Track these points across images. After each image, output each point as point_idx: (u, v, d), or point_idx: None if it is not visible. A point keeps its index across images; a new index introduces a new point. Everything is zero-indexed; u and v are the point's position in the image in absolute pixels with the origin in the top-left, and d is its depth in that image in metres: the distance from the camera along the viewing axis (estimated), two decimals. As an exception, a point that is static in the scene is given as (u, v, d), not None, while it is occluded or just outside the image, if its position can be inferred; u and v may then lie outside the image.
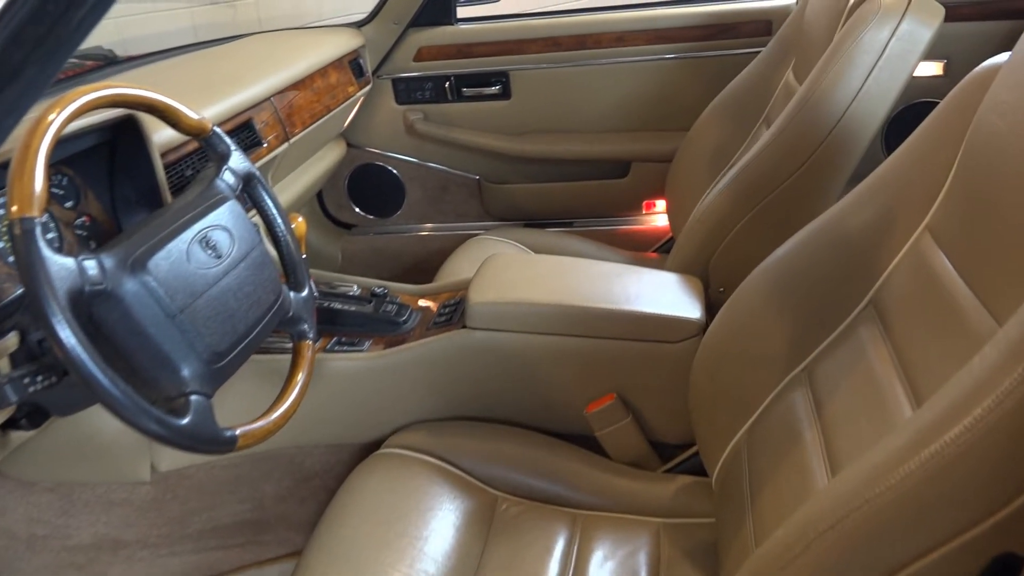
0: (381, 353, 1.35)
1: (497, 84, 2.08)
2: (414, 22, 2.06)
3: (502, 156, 2.14)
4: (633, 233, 2.14)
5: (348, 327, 1.43)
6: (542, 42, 2.02)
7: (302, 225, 1.41)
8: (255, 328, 1.01)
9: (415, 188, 2.27)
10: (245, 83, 1.52)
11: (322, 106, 1.78)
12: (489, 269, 1.41)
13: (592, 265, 1.42)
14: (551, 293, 1.31)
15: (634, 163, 2.08)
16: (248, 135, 1.49)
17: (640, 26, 1.98)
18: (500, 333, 1.31)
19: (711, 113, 1.82)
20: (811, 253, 1.04)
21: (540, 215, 2.22)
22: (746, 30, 1.93)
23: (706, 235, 1.43)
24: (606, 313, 1.27)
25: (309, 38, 1.93)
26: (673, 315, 1.27)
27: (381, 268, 2.33)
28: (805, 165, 1.32)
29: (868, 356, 0.91)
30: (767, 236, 1.39)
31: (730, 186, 1.39)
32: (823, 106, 1.29)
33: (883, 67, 1.26)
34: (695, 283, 1.39)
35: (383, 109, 2.17)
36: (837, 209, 1.03)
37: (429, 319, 1.44)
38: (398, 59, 2.10)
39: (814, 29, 1.51)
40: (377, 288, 1.51)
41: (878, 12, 1.26)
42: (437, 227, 2.30)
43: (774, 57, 1.71)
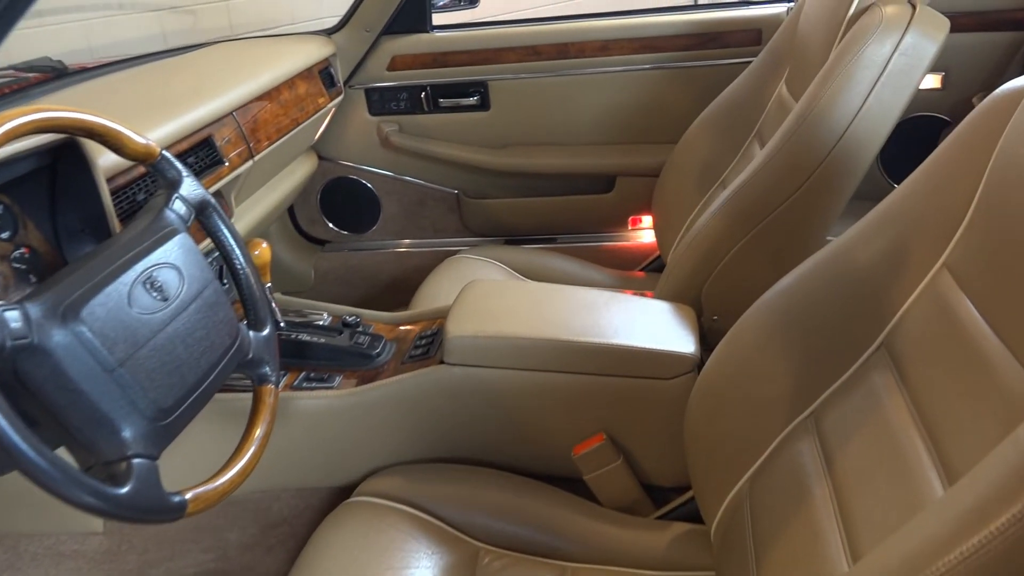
0: (352, 391, 1.25)
1: (475, 94, 1.99)
2: (387, 29, 1.96)
3: (481, 170, 2.05)
4: (618, 250, 2.06)
5: (317, 361, 1.33)
6: (522, 51, 1.93)
7: (266, 251, 1.31)
8: (207, 377, 0.91)
9: (391, 203, 2.17)
10: (205, 97, 1.41)
11: (290, 119, 1.68)
12: (468, 298, 1.32)
13: (578, 293, 1.33)
14: (535, 325, 1.22)
15: (619, 177, 2.00)
16: (208, 153, 1.39)
17: (625, 34, 1.89)
18: (480, 369, 1.22)
19: (699, 126, 1.74)
20: (816, 288, 0.96)
21: (522, 231, 2.13)
22: (735, 39, 1.85)
23: (698, 261, 1.34)
24: (594, 348, 1.19)
25: (276, 47, 1.83)
26: (666, 350, 1.18)
27: (356, 286, 2.23)
28: (803, 187, 1.24)
29: (882, 405, 0.83)
30: (763, 261, 1.31)
31: (723, 209, 1.31)
32: (821, 125, 1.21)
33: (885, 83, 1.18)
34: (688, 313, 1.30)
35: (356, 120, 2.07)
36: (844, 241, 0.95)
37: (404, 351, 1.34)
38: (371, 68, 2.00)
39: (809, 40, 1.43)
40: (349, 316, 1.41)
41: (880, 24, 1.19)
42: (414, 243, 2.21)
43: (765, 68, 1.63)
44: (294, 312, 1.47)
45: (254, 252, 1.30)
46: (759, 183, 1.27)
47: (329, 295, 2.24)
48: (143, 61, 1.68)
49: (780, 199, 1.26)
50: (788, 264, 1.32)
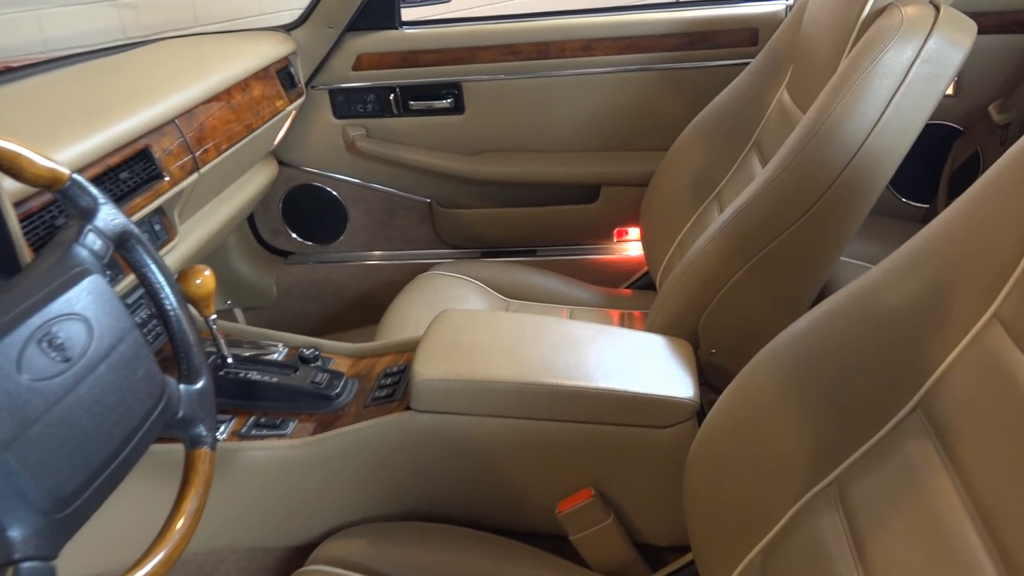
0: (307, 440, 1.10)
1: (448, 97, 1.84)
2: (352, 26, 1.80)
3: (455, 178, 1.90)
4: (603, 264, 1.92)
5: (269, 403, 1.18)
6: (499, 50, 1.78)
7: (209, 280, 1.16)
8: (122, 450, 0.76)
9: (358, 212, 2.01)
10: (142, 101, 1.26)
11: (243, 125, 1.52)
12: (438, 331, 1.17)
13: (562, 327, 1.19)
14: (513, 366, 1.08)
15: (604, 187, 1.86)
16: (145, 167, 1.23)
17: (610, 33, 1.75)
18: (452, 416, 1.08)
19: (692, 133, 1.60)
20: (837, 334, 0.83)
21: (499, 243, 1.98)
22: (729, 39, 1.71)
23: (695, 290, 1.20)
24: (581, 393, 1.05)
25: (228, 44, 1.67)
26: (661, 395, 1.05)
27: (321, 302, 2.08)
28: (813, 209, 1.10)
29: (921, 480, 0.70)
30: (768, 290, 1.18)
31: (723, 233, 1.17)
32: (833, 140, 1.07)
33: (906, 94, 1.05)
34: (684, 349, 1.17)
35: (319, 124, 1.91)
36: (869, 280, 0.82)
37: (367, 391, 1.20)
38: (335, 67, 1.84)
39: (815, 42, 1.29)
40: (306, 349, 1.27)
41: (900, 28, 1.05)
42: (384, 255, 2.05)
43: (764, 72, 1.49)
44: (248, 343, 1.32)
45: (195, 281, 1.14)
46: (763, 204, 1.13)
47: (292, 312, 2.09)
48: (76, 60, 1.51)
49: (787, 222, 1.12)
50: (796, 292, 1.19)
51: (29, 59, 1.51)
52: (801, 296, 1.18)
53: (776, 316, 1.19)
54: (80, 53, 1.55)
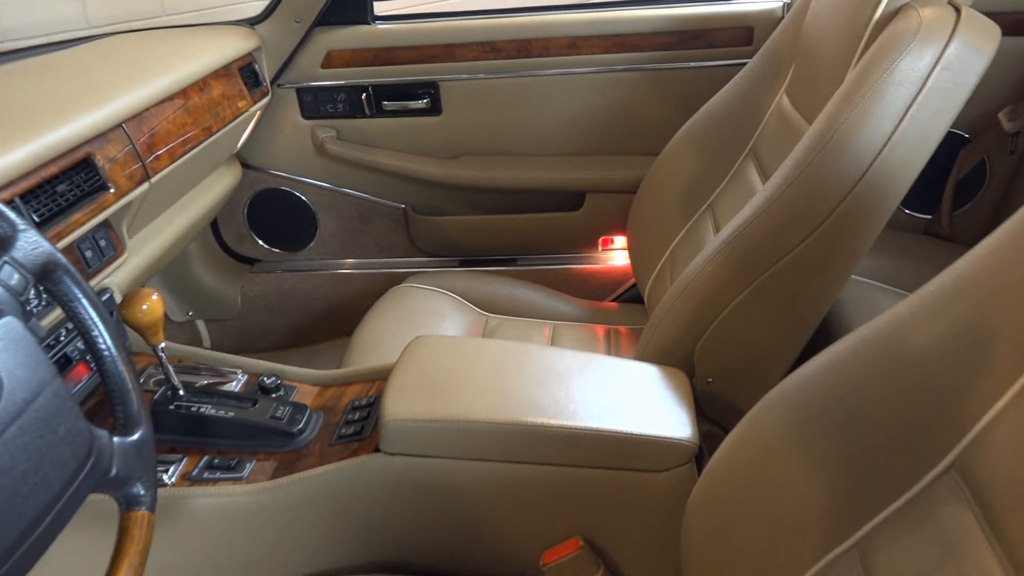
0: (265, 486, 1.00)
1: (424, 97, 1.73)
2: (321, 20, 1.69)
3: (432, 183, 1.79)
4: (588, 275, 1.82)
5: (224, 440, 1.08)
6: (478, 47, 1.67)
7: (157, 305, 1.05)
8: (38, 525, 0.65)
9: (329, 218, 1.90)
10: (84, 104, 1.14)
11: (200, 129, 1.40)
12: (411, 361, 1.07)
13: (546, 356, 1.09)
14: (493, 403, 0.98)
15: (589, 194, 1.75)
16: (88, 177, 1.12)
17: (596, 30, 1.64)
18: (426, 460, 0.98)
19: (684, 138, 1.50)
20: (856, 379, 0.73)
21: (478, 252, 1.87)
22: (723, 38, 1.61)
23: (691, 315, 1.11)
24: (568, 434, 0.95)
25: (185, 40, 1.54)
26: (657, 436, 0.95)
27: (289, 314, 1.96)
28: (820, 229, 1.01)
29: (958, 553, 0.61)
30: (769, 315, 1.08)
31: (722, 253, 1.07)
32: (844, 154, 0.98)
33: (924, 104, 0.96)
34: (680, 380, 1.07)
35: (287, 124, 1.79)
36: (894, 317, 0.72)
37: (334, 425, 1.09)
38: (303, 65, 1.73)
39: (819, 45, 1.20)
40: (267, 378, 1.16)
41: (917, 32, 0.96)
42: (357, 264, 1.94)
43: (762, 74, 1.39)
44: (204, 370, 1.21)
45: (140, 307, 1.03)
46: (765, 223, 1.03)
47: (259, 324, 1.97)
48: (15, 57, 1.39)
49: (792, 243, 1.02)
50: (800, 318, 1.10)
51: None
52: (806, 321, 1.09)
53: (779, 343, 1.10)
54: (22, 48, 1.42)
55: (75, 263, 1.13)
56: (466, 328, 1.52)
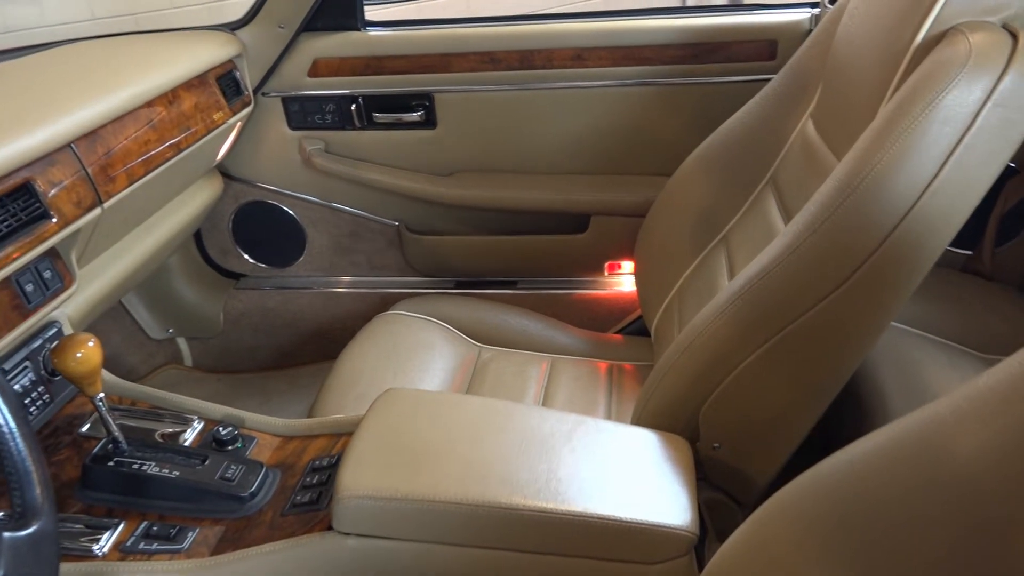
0: (204, 563, 0.88)
1: (418, 109, 1.60)
2: (308, 25, 1.56)
3: (426, 200, 1.67)
4: (592, 301, 1.69)
5: (167, 502, 0.96)
6: (476, 57, 1.54)
7: (93, 353, 0.94)
8: None
9: (318, 233, 1.78)
10: (25, 125, 1.02)
11: (168, 146, 1.29)
12: (376, 423, 0.95)
13: (530, 418, 0.96)
14: (465, 478, 0.86)
15: (595, 216, 1.62)
16: (26, 205, 1.00)
17: (604, 41, 1.50)
18: (386, 542, 0.86)
19: (697, 160, 1.37)
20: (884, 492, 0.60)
21: (476, 273, 1.75)
22: (743, 52, 1.47)
23: (697, 374, 0.98)
24: (549, 519, 0.83)
25: (155, 47, 1.43)
26: (652, 524, 0.83)
27: (274, 334, 1.85)
28: (847, 283, 0.87)
29: None
30: (786, 378, 0.95)
31: (734, 305, 0.94)
32: (877, 200, 0.84)
33: (972, 145, 0.82)
34: (681, 452, 0.94)
35: (272, 135, 1.68)
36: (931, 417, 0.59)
37: (290, 489, 0.98)
38: (288, 73, 1.60)
39: (851, 67, 1.06)
40: (223, 428, 1.04)
41: (967, 61, 0.82)
42: (347, 283, 1.82)
43: (785, 94, 1.26)
44: (155, 417, 1.10)
45: (74, 355, 0.92)
46: (785, 274, 0.90)
47: (242, 344, 1.86)
48: None
49: (813, 298, 0.89)
50: (821, 381, 0.96)
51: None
52: (827, 386, 0.95)
53: (796, 409, 0.97)
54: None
55: (12, 299, 1.02)
56: (456, 361, 1.40)
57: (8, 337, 1.01)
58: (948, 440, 0.57)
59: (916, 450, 0.59)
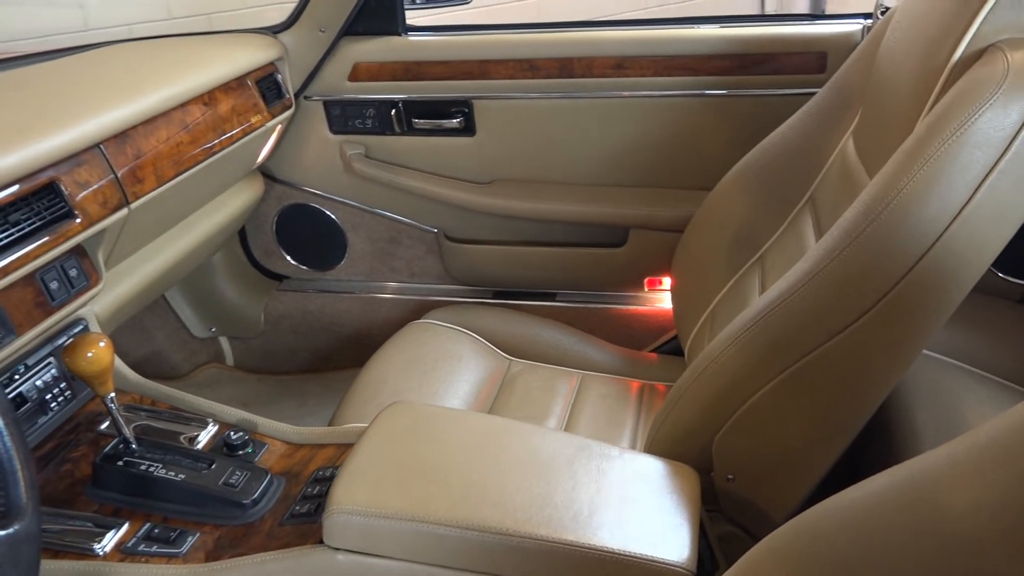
0: (198, 569, 0.88)
1: (457, 115, 1.59)
2: (348, 30, 1.57)
3: (464, 208, 1.65)
4: (630, 317, 1.65)
5: (171, 505, 0.97)
6: (515, 64, 1.52)
7: (104, 353, 0.95)
8: None
9: (359, 238, 1.79)
10: (53, 125, 1.04)
11: (201, 148, 1.30)
12: (377, 436, 0.94)
13: (534, 440, 0.94)
14: (457, 500, 0.84)
15: (634, 229, 1.58)
16: (51, 204, 1.03)
17: (646, 51, 1.46)
18: (374, 560, 0.84)
19: (736, 176, 1.32)
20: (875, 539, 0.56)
21: (514, 284, 1.73)
22: (792, 64, 1.41)
23: (710, 402, 0.93)
24: (538, 548, 0.80)
25: (194, 49, 1.45)
26: (647, 557, 0.79)
27: (312, 337, 1.86)
28: (869, 313, 0.82)
29: None
30: (803, 410, 0.90)
31: (750, 332, 0.89)
32: (902, 227, 0.79)
33: (1007, 172, 0.76)
34: (688, 482, 0.90)
35: (315, 139, 1.69)
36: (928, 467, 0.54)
37: (292, 498, 0.97)
38: (329, 77, 1.61)
39: (890, 83, 1.00)
40: (234, 433, 1.04)
41: (1004, 80, 0.76)
42: (386, 288, 1.82)
43: (828, 111, 1.20)
44: (172, 417, 1.11)
45: (85, 355, 0.93)
46: (803, 301, 0.85)
47: (282, 345, 1.88)
48: (9, 65, 1.31)
49: (834, 327, 0.84)
50: (843, 415, 0.91)
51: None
52: (849, 419, 0.90)
53: (815, 442, 0.92)
54: (17, 56, 1.35)
55: (36, 296, 1.04)
56: (484, 374, 1.38)
57: (31, 333, 1.03)
58: (944, 491, 0.52)
59: (911, 499, 0.54)
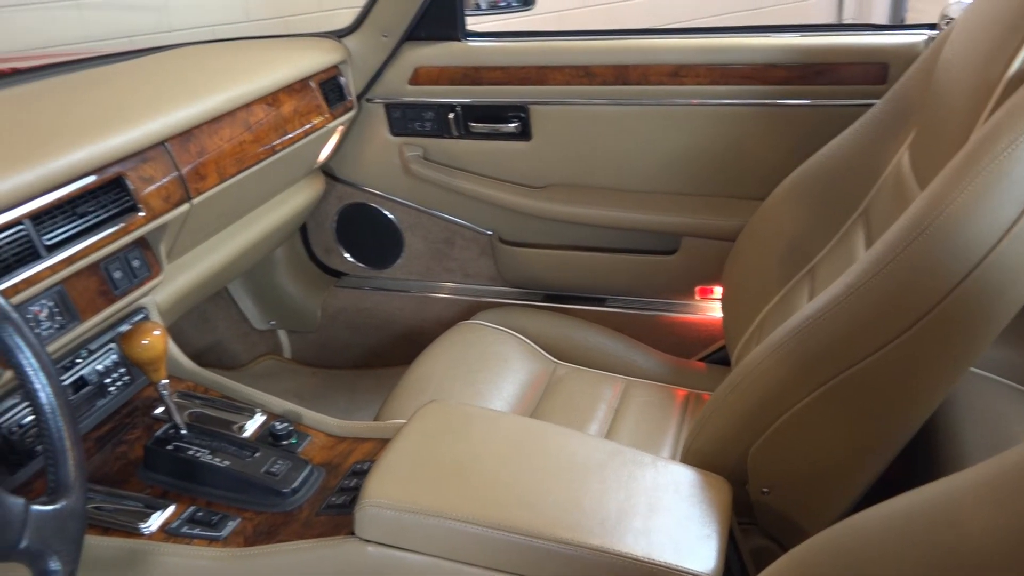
0: (236, 552, 0.91)
1: (514, 120, 1.60)
2: (412, 34, 1.60)
3: (518, 211, 1.67)
4: (679, 325, 1.64)
5: (215, 490, 1.00)
6: (572, 71, 1.53)
7: (158, 341, 0.99)
8: None
9: (415, 238, 1.82)
10: (120, 122, 1.10)
11: (263, 148, 1.35)
12: (412, 434, 0.96)
13: (569, 443, 0.95)
14: (486, 499, 0.85)
15: (686, 238, 1.57)
16: (116, 198, 1.08)
17: (702, 59, 1.46)
18: (403, 553, 0.86)
19: (792, 187, 1.31)
20: (903, 555, 0.54)
21: (565, 288, 1.73)
22: (852, 75, 1.39)
23: (746, 413, 0.93)
24: (559, 551, 0.80)
25: (263, 52, 1.50)
26: (670, 566, 0.79)
27: (366, 333, 1.90)
28: (912, 330, 0.80)
29: None
30: (842, 425, 0.89)
31: (787, 345, 0.89)
32: (948, 243, 0.77)
33: None
34: (720, 493, 0.90)
35: (375, 140, 1.72)
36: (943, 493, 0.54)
37: (330, 490, 1.00)
38: (391, 80, 1.65)
39: (946, 98, 0.98)
40: (279, 423, 1.08)
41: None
42: (440, 288, 1.85)
43: (884, 123, 1.18)
44: (222, 406, 1.15)
45: (140, 342, 0.97)
46: (843, 315, 0.84)
47: (338, 340, 1.92)
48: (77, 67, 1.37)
49: (874, 343, 0.83)
50: (882, 432, 0.89)
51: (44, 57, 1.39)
52: (890, 437, 0.88)
53: (853, 459, 0.90)
54: (87, 59, 1.41)
55: (99, 285, 1.09)
56: (529, 376, 1.39)
57: (94, 319, 1.08)
58: (963, 517, 0.52)
59: (934, 521, 0.54)
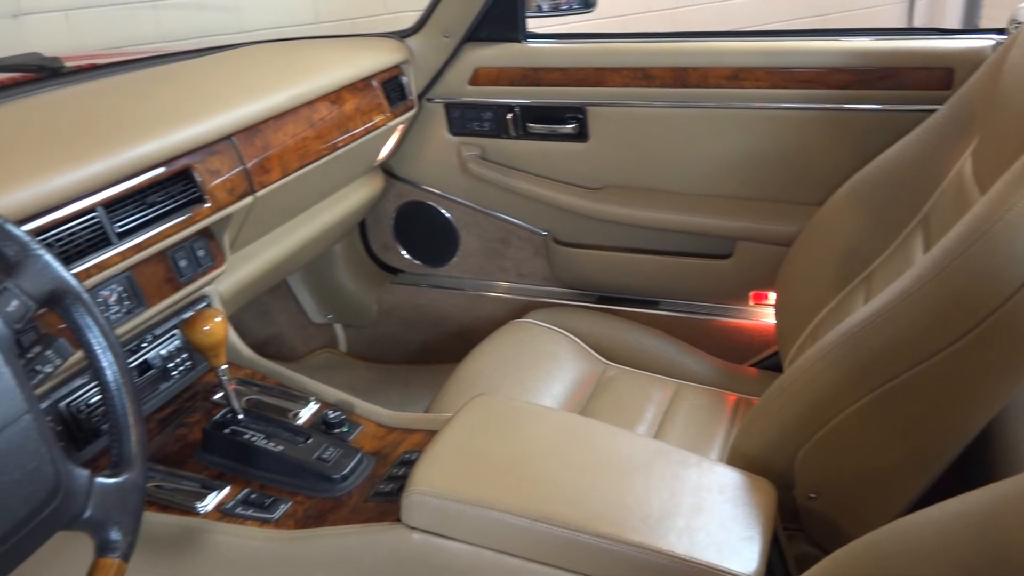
0: (287, 535, 0.94)
1: (572, 121, 1.61)
2: (472, 35, 1.62)
3: (574, 212, 1.68)
4: (732, 330, 1.63)
5: (269, 474, 1.03)
6: (630, 72, 1.53)
7: (219, 327, 1.02)
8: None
9: (471, 237, 1.84)
10: (192, 117, 1.14)
11: (325, 144, 1.38)
12: (460, 427, 0.97)
13: (615, 441, 0.95)
14: (530, 492, 0.86)
15: (741, 242, 1.56)
16: (184, 188, 1.12)
17: (762, 62, 1.45)
18: (446, 542, 0.88)
19: (850, 192, 1.29)
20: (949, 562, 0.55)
21: (618, 290, 1.73)
22: (915, 79, 1.36)
23: (794, 417, 0.92)
24: (599, 546, 0.81)
25: (324, 51, 1.53)
26: (710, 565, 0.79)
27: (420, 330, 1.92)
28: (968, 336, 0.79)
29: None
30: (893, 431, 0.88)
31: (838, 350, 0.88)
32: (1008, 247, 0.76)
33: None
34: (765, 497, 0.89)
35: (434, 139, 1.75)
36: (987, 500, 0.54)
37: (379, 478, 1.02)
38: (451, 80, 1.67)
39: (1011, 101, 0.96)
40: (332, 412, 1.11)
41: None
42: (494, 287, 1.87)
43: (948, 128, 1.15)
44: (279, 394, 1.18)
45: (202, 328, 1.01)
46: (898, 320, 0.83)
47: (391, 335, 1.95)
48: (151, 63, 1.43)
49: (929, 349, 0.81)
50: (935, 441, 0.88)
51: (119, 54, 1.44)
52: (943, 446, 0.87)
53: (905, 467, 0.89)
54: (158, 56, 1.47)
55: (166, 272, 1.14)
56: (578, 376, 1.40)
57: (160, 305, 1.12)
58: (1012, 524, 0.51)
59: (978, 530, 0.53)
